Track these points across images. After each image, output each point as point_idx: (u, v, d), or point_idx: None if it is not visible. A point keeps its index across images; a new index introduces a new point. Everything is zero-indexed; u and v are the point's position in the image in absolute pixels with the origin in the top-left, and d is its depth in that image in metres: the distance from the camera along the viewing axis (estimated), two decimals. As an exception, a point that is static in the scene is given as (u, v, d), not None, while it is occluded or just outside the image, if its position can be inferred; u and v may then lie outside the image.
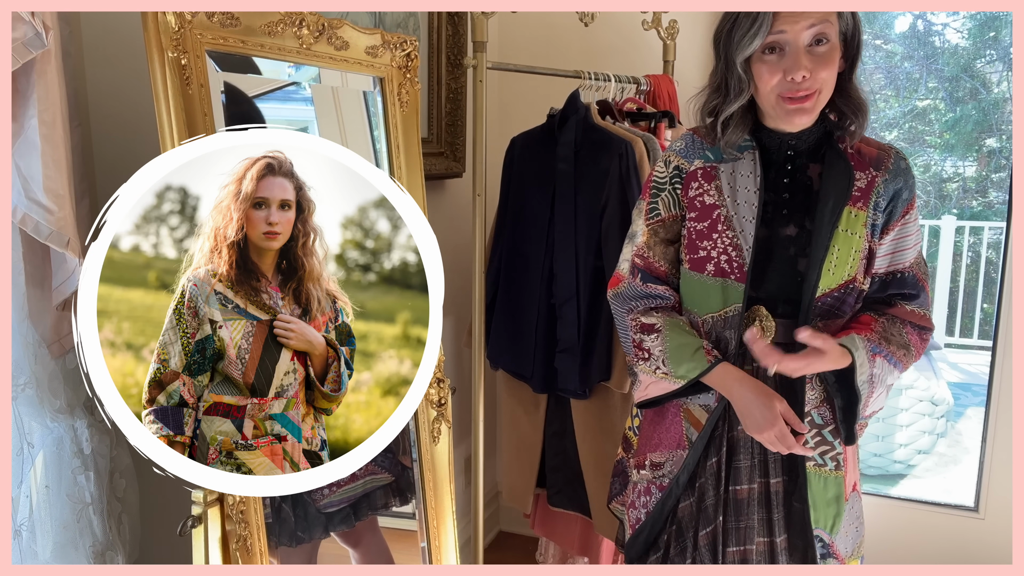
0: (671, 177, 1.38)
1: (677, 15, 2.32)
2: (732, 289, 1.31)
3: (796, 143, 1.31)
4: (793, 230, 1.31)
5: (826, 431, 1.36)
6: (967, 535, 2.39)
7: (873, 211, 1.31)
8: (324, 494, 1.45)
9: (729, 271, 1.31)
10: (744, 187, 1.31)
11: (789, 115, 1.25)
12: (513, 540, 2.83)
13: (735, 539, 1.35)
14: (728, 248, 1.31)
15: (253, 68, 1.34)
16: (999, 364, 2.30)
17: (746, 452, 1.35)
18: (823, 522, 1.36)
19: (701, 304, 1.36)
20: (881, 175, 1.31)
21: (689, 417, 1.39)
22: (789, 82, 1.20)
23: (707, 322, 1.36)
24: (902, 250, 1.36)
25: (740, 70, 1.24)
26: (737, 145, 1.32)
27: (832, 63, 1.21)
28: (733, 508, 1.35)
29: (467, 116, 2.32)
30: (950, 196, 5.42)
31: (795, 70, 1.19)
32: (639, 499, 1.45)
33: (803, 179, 1.32)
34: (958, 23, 5.04)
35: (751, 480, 1.34)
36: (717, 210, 1.32)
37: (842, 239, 1.29)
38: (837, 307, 1.32)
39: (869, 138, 1.36)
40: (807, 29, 1.18)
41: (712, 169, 1.34)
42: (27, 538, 1.25)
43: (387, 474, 1.55)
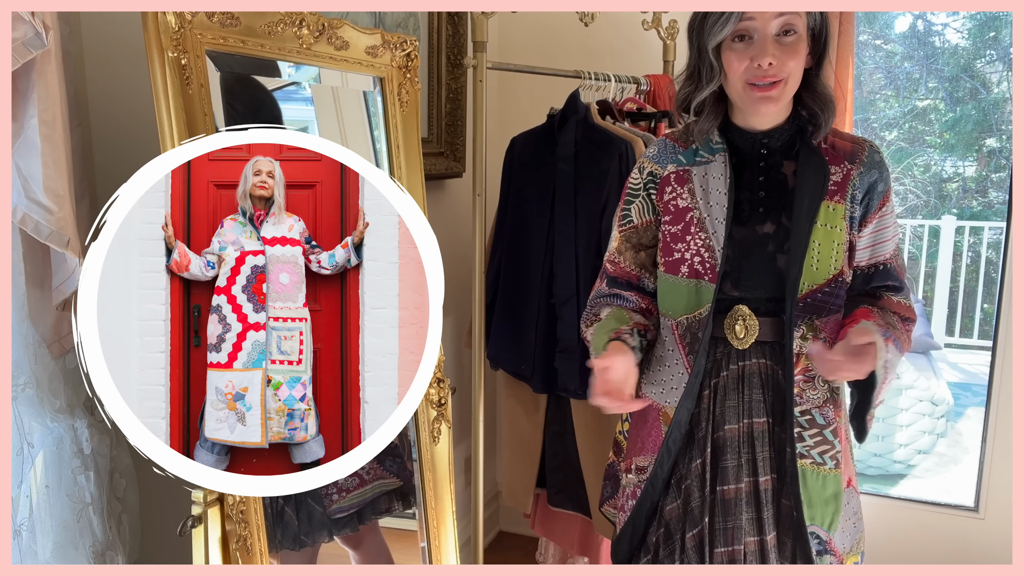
0: (645, 183, 1.40)
1: (677, 15, 2.32)
2: (705, 290, 1.33)
3: (768, 141, 1.33)
4: (770, 227, 1.33)
5: (827, 431, 1.36)
6: (967, 535, 2.39)
7: (850, 204, 1.32)
8: (334, 499, 1.45)
9: (702, 272, 1.33)
10: (716, 189, 1.33)
11: (756, 103, 1.27)
12: (513, 540, 2.83)
13: (723, 540, 1.34)
14: (701, 249, 1.33)
15: (254, 68, 1.34)
16: (999, 364, 2.30)
17: (733, 452, 1.34)
18: (820, 519, 1.35)
19: (675, 306, 1.37)
20: (856, 168, 1.33)
21: (666, 419, 1.39)
22: (756, 68, 1.23)
23: (682, 323, 1.37)
24: (882, 242, 1.37)
25: (711, 57, 1.27)
26: (709, 137, 1.35)
27: (798, 54, 1.24)
28: (720, 509, 1.34)
29: (467, 116, 2.32)
30: (950, 196, 5.42)
31: (762, 56, 1.22)
32: (627, 503, 1.46)
33: (777, 176, 1.34)
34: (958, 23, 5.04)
35: (738, 479, 1.34)
36: (690, 212, 1.34)
37: (822, 234, 1.30)
38: (829, 302, 1.33)
39: (842, 132, 1.39)
40: (775, 18, 1.22)
41: (685, 172, 1.36)
42: (27, 538, 1.25)
43: (395, 479, 1.55)
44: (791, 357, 1.30)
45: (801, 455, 1.34)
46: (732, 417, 1.34)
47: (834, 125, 1.39)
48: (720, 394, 1.35)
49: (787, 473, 1.33)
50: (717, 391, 1.35)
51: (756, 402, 1.34)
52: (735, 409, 1.34)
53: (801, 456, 1.34)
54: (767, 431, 1.34)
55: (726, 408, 1.34)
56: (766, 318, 1.33)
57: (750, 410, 1.34)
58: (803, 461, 1.34)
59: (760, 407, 1.34)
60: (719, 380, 1.35)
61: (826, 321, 1.33)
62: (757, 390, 1.34)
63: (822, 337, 1.33)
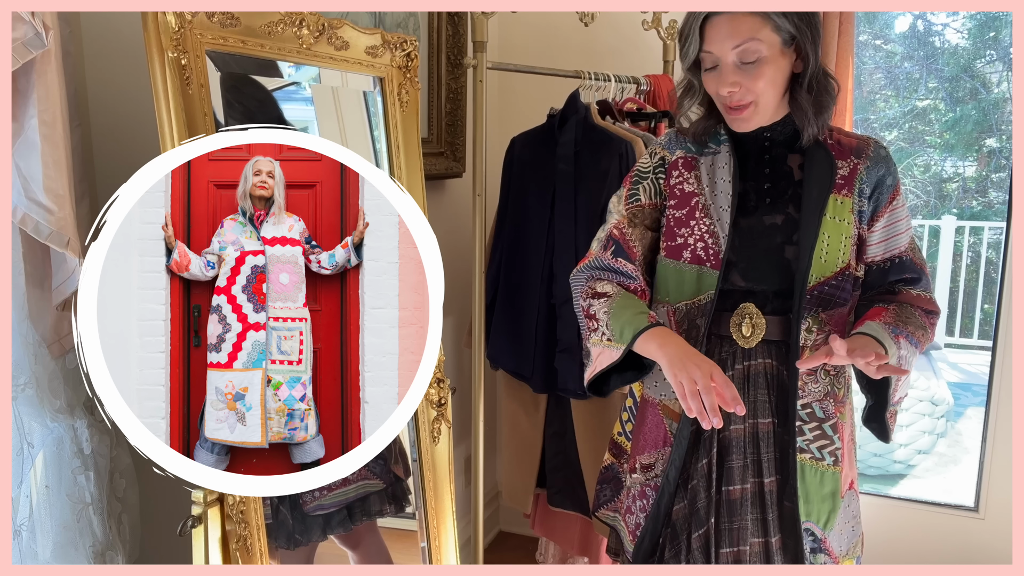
0: (655, 166, 1.42)
1: (677, 15, 2.32)
2: (707, 276, 1.33)
3: (770, 134, 1.35)
4: (779, 218, 1.33)
5: (826, 425, 1.35)
6: (967, 535, 2.39)
7: (858, 198, 1.33)
8: (315, 496, 1.44)
9: (705, 258, 1.33)
10: (721, 178, 1.35)
11: (733, 122, 1.32)
12: (513, 540, 2.83)
13: (728, 540, 1.34)
14: (705, 235, 1.33)
15: (254, 68, 1.34)
16: (999, 364, 2.30)
17: (738, 452, 1.34)
18: (816, 516, 1.35)
19: (675, 291, 1.37)
20: (863, 163, 1.34)
21: (668, 412, 1.39)
22: (725, 94, 1.27)
23: (680, 309, 1.36)
24: (895, 235, 1.37)
25: (691, 77, 1.33)
26: (710, 134, 1.37)
27: (762, 77, 1.25)
28: (726, 509, 1.34)
29: (467, 116, 2.32)
30: (950, 196, 5.42)
31: (721, 86, 1.27)
32: (635, 503, 1.45)
33: (782, 168, 1.35)
34: (958, 23, 5.04)
35: (743, 480, 1.34)
36: (696, 198, 1.35)
37: (831, 226, 1.31)
38: (835, 295, 1.33)
39: (847, 130, 1.40)
40: (732, 50, 1.24)
41: (693, 160, 1.38)
42: (27, 538, 1.25)
43: (379, 480, 1.55)
44: (797, 346, 1.30)
45: (800, 449, 1.34)
46: (737, 417, 1.33)
47: (835, 124, 1.40)
48: None
49: (789, 471, 1.32)
50: None
51: (761, 402, 1.34)
52: None
53: (800, 451, 1.34)
54: (772, 432, 1.34)
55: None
56: (773, 316, 1.32)
57: (755, 410, 1.34)
58: (802, 456, 1.34)
59: (765, 407, 1.34)
60: None
61: (831, 314, 1.33)
62: (763, 390, 1.34)
63: (827, 330, 1.32)
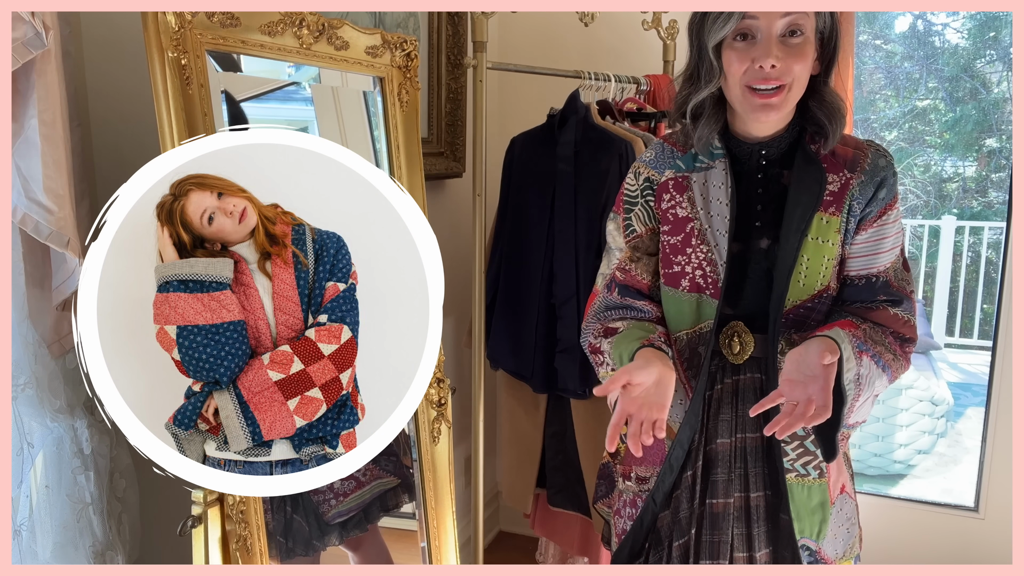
0: (642, 190, 1.34)
1: (677, 15, 2.32)
2: (707, 305, 1.28)
3: (768, 151, 1.26)
4: (766, 243, 1.27)
5: (808, 442, 1.32)
6: (967, 535, 2.39)
7: (847, 216, 1.24)
8: (332, 505, 1.45)
9: (704, 286, 1.28)
10: (716, 199, 1.26)
11: (756, 111, 1.18)
12: (513, 540, 2.82)
13: (708, 553, 1.31)
14: (703, 263, 1.27)
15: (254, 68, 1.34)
16: (999, 364, 2.30)
17: (724, 465, 1.31)
18: (809, 531, 1.32)
19: (675, 320, 1.32)
20: (856, 177, 1.24)
21: (668, 432, 1.37)
22: (758, 70, 1.14)
23: (681, 339, 1.32)
24: (877, 253, 1.28)
25: (711, 56, 1.18)
26: (709, 144, 1.27)
27: (805, 57, 1.16)
28: (708, 521, 1.31)
29: (467, 116, 2.32)
30: (950, 196, 5.42)
31: (764, 57, 1.13)
32: (625, 509, 1.43)
33: (776, 189, 1.27)
34: (958, 23, 5.04)
35: (727, 494, 1.31)
36: (691, 223, 1.28)
37: (812, 248, 1.23)
38: (810, 316, 1.28)
39: (847, 136, 1.29)
40: (781, 18, 1.14)
41: (683, 179, 1.29)
42: (27, 538, 1.25)
43: (392, 477, 1.55)
44: (774, 372, 1.24)
45: (785, 469, 1.30)
46: (725, 431, 1.31)
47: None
48: (714, 407, 1.31)
49: (780, 489, 1.29)
50: (711, 404, 1.32)
51: (749, 417, 1.28)
52: (728, 423, 1.31)
53: (785, 470, 1.30)
54: (760, 447, 1.31)
55: (719, 422, 1.31)
56: (760, 335, 1.28)
57: (743, 425, 1.30)
58: (787, 475, 1.30)
59: (753, 422, 1.29)
60: (713, 393, 1.32)
61: (803, 336, 1.25)
62: (751, 405, 1.26)
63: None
